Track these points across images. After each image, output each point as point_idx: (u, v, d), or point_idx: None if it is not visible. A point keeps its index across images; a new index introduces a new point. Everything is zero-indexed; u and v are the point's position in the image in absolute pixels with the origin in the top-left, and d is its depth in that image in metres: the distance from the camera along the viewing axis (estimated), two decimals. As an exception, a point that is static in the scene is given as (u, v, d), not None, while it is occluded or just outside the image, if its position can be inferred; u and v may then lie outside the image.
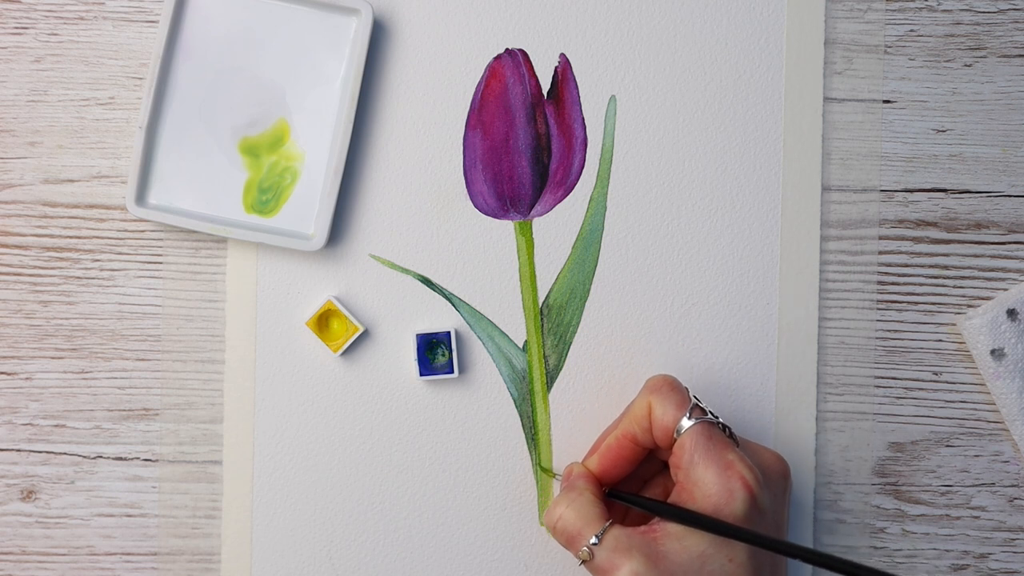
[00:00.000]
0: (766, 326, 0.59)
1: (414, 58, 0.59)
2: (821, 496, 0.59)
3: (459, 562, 0.59)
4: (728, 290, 0.59)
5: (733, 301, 0.59)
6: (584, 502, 0.53)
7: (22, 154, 0.58)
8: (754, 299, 0.59)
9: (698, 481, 0.51)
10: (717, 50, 0.59)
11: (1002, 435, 0.60)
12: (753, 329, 0.59)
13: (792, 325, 0.59)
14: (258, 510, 0.58)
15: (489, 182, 0.59)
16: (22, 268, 0.59)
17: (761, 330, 0.59)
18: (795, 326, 0.59)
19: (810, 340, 0.59)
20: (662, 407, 0.53)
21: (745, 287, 0.59)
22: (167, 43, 0.56)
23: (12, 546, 0.59)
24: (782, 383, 0.59)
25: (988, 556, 0.60)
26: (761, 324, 0.59)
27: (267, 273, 0.58)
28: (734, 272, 0.59)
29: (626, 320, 0.58)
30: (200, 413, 0.59)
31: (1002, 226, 0.60)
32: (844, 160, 0.59)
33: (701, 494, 0.51)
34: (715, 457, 0.51)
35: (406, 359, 0.59)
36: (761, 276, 0.59)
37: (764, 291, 0.59)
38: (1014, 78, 0.60)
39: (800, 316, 0.59)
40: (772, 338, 0.59)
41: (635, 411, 0.54)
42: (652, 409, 0.53)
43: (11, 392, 0.59)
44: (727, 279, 0.59)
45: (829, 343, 0.59)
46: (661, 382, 0.54)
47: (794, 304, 0.59)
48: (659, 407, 0.53)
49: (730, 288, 0.59)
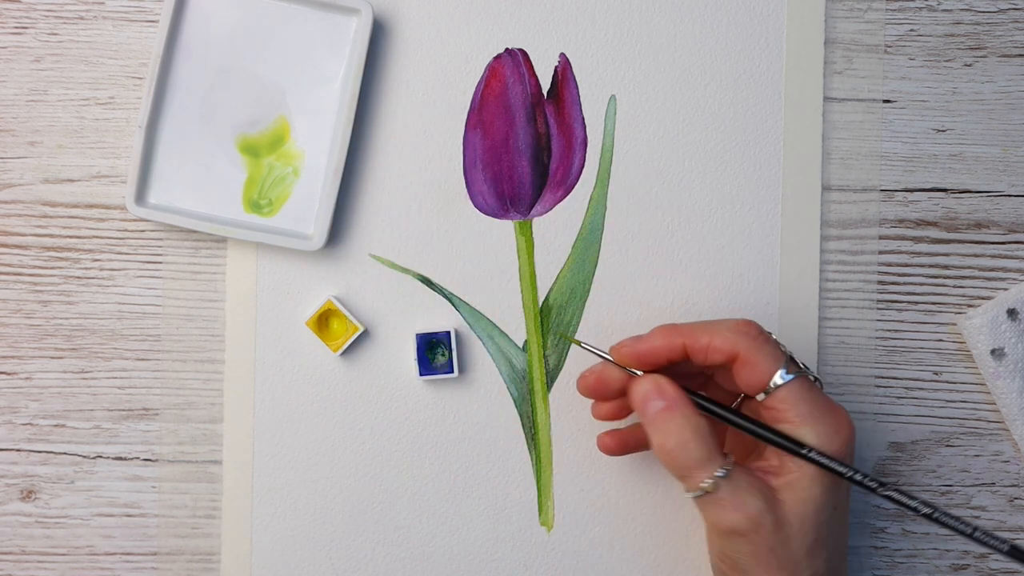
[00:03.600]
0: (766, 326, 0.59)
1: (414, 58, 0.59)
2: (821, 496, 0.59)
3: (459, 562, 0.59)
4: (728, 290, 0.59)
5: (733, 301, 0.59)
6: (706, 431, 0.50)
7: (22, 154, 0.58)
8: (754, 299, 0.59)
9: (809, 433, 0.50)
10: (717, 50, 0.59)
11: (1002, 435, 0.60)
12: (753, 329, 0.59)
13: (792, 325, 0.59)
14: (258, 510, 0.58)
15: (489, 182, 0.59)
16: (22, 268, 0.59)
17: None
18: (795, 326, 0.59)
19: (810, 340, 0.59)
20: (756, 358, 0.50)
21: (745, 287, 0.59)
22: (167, 43, 0.56)
23: (12, 546, 0.59)
24: (782, 383, 0.59)
25: (988, 556, 0.60)
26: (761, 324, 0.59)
27: (267, 273, 0.58)
28: (734, 272, 0.59)
29: (626, 320, 0.58)
30: (200, 413, 0.59)
31: (1002, 226, 0.60)
32: (844, 160, 0.59)
33: (814, 445, 0.50)
34: (823, 409, 0.50)
35: (406, 359, 0.59)
36: (761, 276, 0.59)
37: (764, 291, 0.59)
38: (1014, 78, 0.60)
39: (800, 316, 0.59)
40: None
41: (714, 343, 0.51)
42: (743, 355, 0.51)
43: (11, 392, 0.59)
44: (727, 279, 0.59)
45: (829, 343, 0.59)
46: (756, 331, 0.51)
47: (794, 304, 0.59)
48: (755, 356, 0.50)
49: (730, 288, 0.59)
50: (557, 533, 0.59)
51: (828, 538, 0.50)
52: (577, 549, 0.59)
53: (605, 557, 0.59)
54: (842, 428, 0.50)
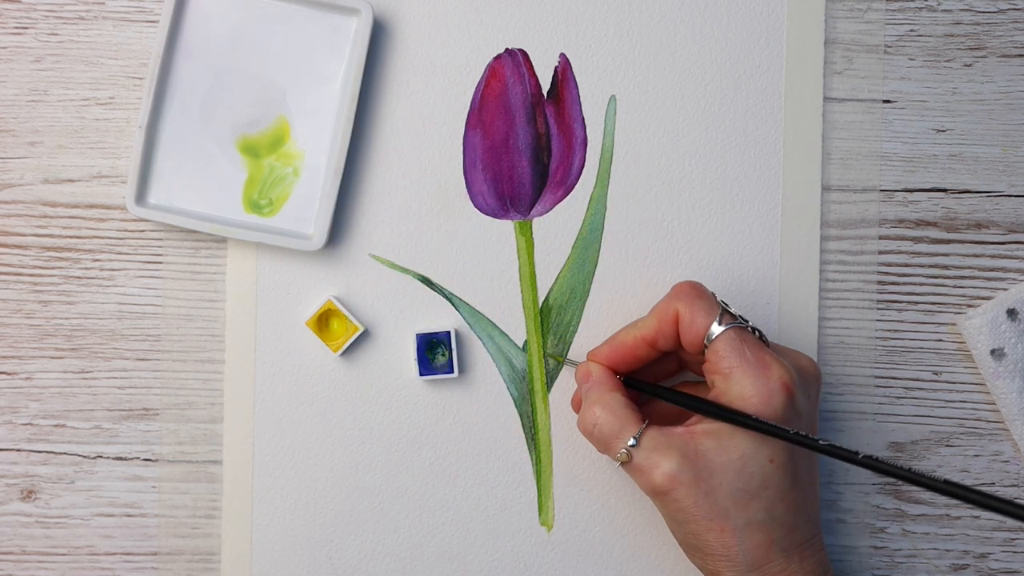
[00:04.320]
0: (766, 326, 0.59)
1: (414, 58, 0.59)
2: (821, 496, 0.59)
3: (459, 562, 0.59)
4: (728, 290, 0.59)
5: (733, 301, 0.59)
6: (618, 404, 0.53)
7: (22, 154, 0.58)
8: (754, 299, 0.59)
9: (736, 385, 0.51)
10: (717, 50, 0.59)
11: (1002, 435, 0.60)
12: (753, 329, 0.59)
13: (792, 325, 0.59)
14: (258, 510, 0.58)
15: (489, 182, 0.59)
16: (22, 268, 0.59)
17: (761, 330, 0.59)
18: (795, 326, 0.59)
19: (810, 340, 0.59)
20: (691, 313, 0.52)
21: (745, 287, 0.59)
22: (167, 43, 0.56)
23: (12, 546, 0.59)
24: (782, 383, 0.59)
25: (988, 556, 0.60)
26: (761, 324, 0.59)
27: (267, 273, 0.58)
28: (734, 272, 0.59)
29: (626, 320, 0.58)
30: (200, 413, 0.59)
31: (1002, 226, 0.60)
32: (844, 160, 0.59)
33: (740, 396, 0.51)
34: (752, 360, 0.51)
35: (406, 359, 0.59)
36: (761, 276, 0.59)
37: (764, 291, 0.59)
38: (1014, 78, 0.60)
39: (800, 316, 0.59)
40: (772, 338, 0.59)
41: (659, 316, 0.53)
42: (680, 316, 0.53)
43: (11, 392, 0.59)
44: (727, 279, 0.59)
45: (829, 343, 0.59)
46: (688, 288, 0.53)
47: (794, 304, 0.59)
48: (688, 314, 0.52)
49: (730, 288, 0.59)
50: (557, 533, 0.59)
51: (762, 489, 0.50)
52: (577, 549, 0.59)
53: (605, 557, 0.59)
54: (771, 379, 0.50)
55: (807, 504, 0.52)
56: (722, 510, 0.50)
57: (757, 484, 0.50)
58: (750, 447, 0.50)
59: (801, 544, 0.51)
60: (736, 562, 0.51)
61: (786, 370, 0.51)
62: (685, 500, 0.51)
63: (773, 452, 0.50)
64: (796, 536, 0.51)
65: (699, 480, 0.50)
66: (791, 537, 0.51)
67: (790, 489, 0.51)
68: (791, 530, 0.51)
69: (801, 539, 0.51)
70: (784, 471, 0.51)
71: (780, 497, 0.51)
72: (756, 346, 0.51)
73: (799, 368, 0.53)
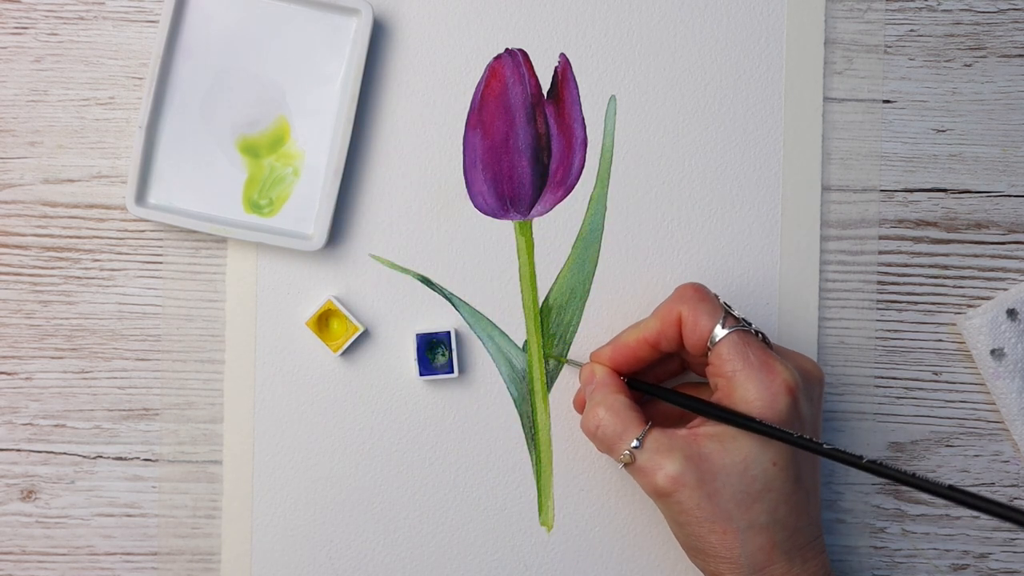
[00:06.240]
0: (766, 326, 0.59)
1: (414, 58, 0.59)
2: (822, 496, 0.59)
3: (459, 562, 0.59)
4: (728, 290, 0.59)
5: (733, 301, 0.59)
6: (621, 406, 0.53)
7: (22, 154, 0.58)
8: (754, 299, 0.59)
9: (739, 388, 0.51)
10: (717, 50, 0.59)
11: (1002, 435, 0.60)
12: (753, 329, 0.59)
13: (792, 325, 0.59)
14: (258, 510, 0.58)
15: (489, 182, 0.59)
16: (22, 268, 0.59)
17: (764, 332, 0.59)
18: (795, 326, 0.59)
19: (810, 340, 0.59)
20: (694, 316, 0.52)
21: (745, 287, 0.59)
22: (167, 43, 0.56)
23: (12, 546, 0.59)
24: (782, 383, 0.59)
25: (988, 556, 0.60)
26: (761, 324, 0.59)
27: (267, 273, 0.58)
28: (734, 272, 0.59)
29: (626, 320, 0.58)
30: (200, 413, 0.59)
31: (1002, 226, 0.60)
32: (844, 160, 0.59)
33: (743, 400, 0.51)
34: (756, 364, 0.51)
35: (406, 359, 0.59)
36: (761, 276, 0.59)
37: (764, 291, 0.59)
38: (1014, 78, 0.60)
39: (800, 316, 0.59)
40: (772, 338, 0.58)
41: (662, 318, 0.54)
42: (683, 318, 0.53)
43: (11, 392, 0.59)
44: (727, 279, 0.59)
45: (829, 343, 0.59)
46: (692, 291, 0.53)
47: (794, 304, 0.59)
48: (691, 316, 0.52)
49: (730, 288, 0.59)
50: (557, 533, 0.59)
51: (765, 492, 0.50)
52: (577, 549, 0.59)
53: (605, 557, 0.59)
54: (774, 382, 0.50)
55: (809, 507, 0.52)
56: (725, 513, 0.50)
57: (760, 487, 0.50)
58: (753, 450, 0.50)
59: (803, 546, 0.51)
60: (738, 564, 0.51)
61: (790, 373, 0.51)
62: (688, 502, 0.51)
63: (776, 455, 0.50)
64: (798, 539, 0.51)
65: (702, 482, 0.50)
66: (793, 540, 0.51)
67: (793, 492, 0.51)
68: (793, 533, 0.51)
69: (803, 541, 0.51)
70: (787, 474, 0.51)
71: (783, 500, 0.51)
72: (760, 349, 0.51)
73: (802, 371, 0.53)
